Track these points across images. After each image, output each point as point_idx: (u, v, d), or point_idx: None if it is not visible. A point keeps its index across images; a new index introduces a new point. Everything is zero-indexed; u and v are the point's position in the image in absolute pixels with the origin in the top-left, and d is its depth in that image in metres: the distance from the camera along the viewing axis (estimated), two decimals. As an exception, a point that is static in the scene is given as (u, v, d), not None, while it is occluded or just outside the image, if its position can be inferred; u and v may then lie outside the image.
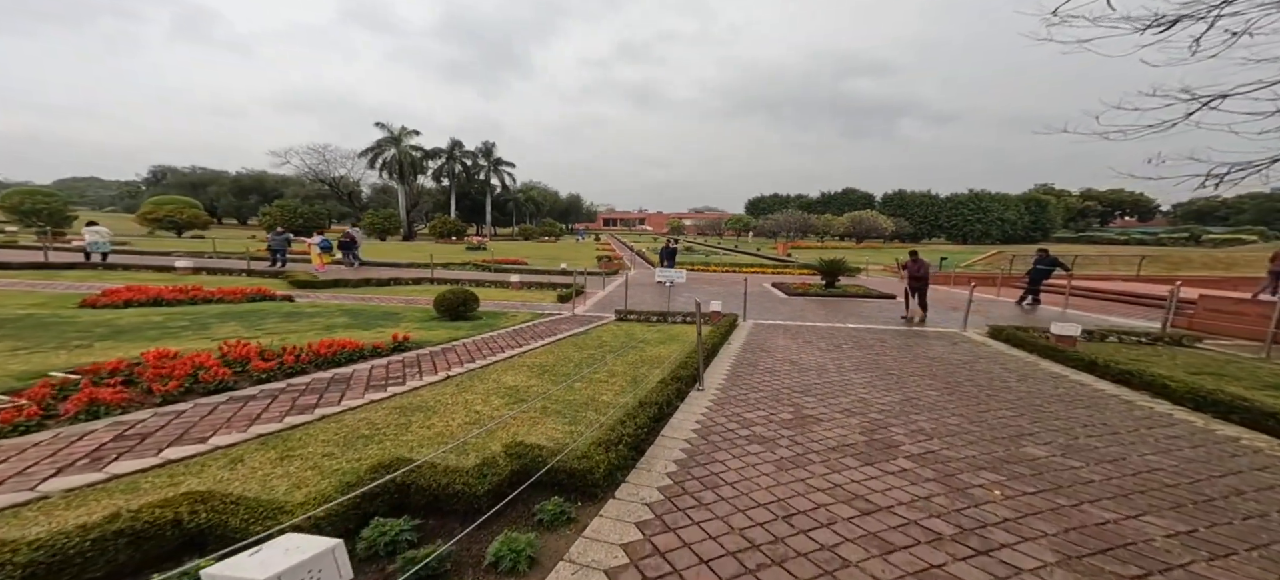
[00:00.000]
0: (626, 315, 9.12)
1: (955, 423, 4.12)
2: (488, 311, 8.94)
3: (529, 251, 31.32)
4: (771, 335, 7.98)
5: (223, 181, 58.50)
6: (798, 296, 13.07)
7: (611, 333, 7.65)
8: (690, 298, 12.30)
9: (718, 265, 22.24)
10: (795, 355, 6.53)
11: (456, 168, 52.57)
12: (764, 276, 19.52)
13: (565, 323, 8.26)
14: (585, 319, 8.85)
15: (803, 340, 7.59)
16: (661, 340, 7.22)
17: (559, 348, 6.43)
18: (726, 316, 8.68)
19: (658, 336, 7.49)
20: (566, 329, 7.70)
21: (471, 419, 3.78)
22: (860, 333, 8.34)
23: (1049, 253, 11.42)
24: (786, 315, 10.23)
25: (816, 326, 8.94)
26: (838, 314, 10.47)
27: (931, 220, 66.43)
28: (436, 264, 14.91)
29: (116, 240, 17.45)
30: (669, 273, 9.02)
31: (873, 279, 18.93)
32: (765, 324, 9.08)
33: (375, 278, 12.44)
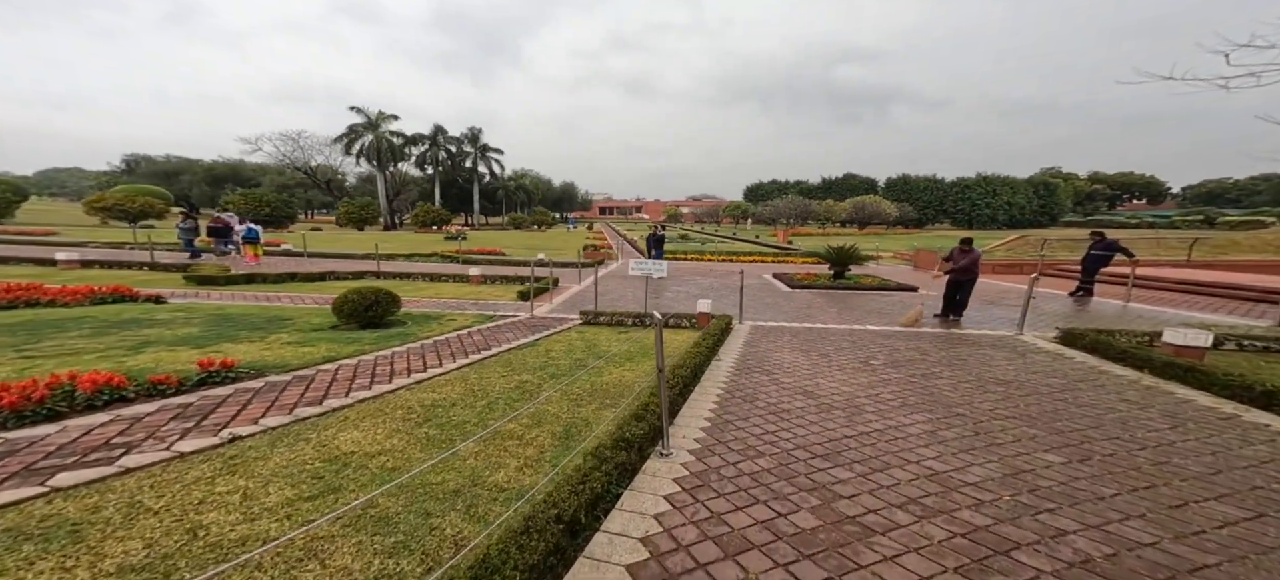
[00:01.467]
0: (595, 317, 7.26)
1: (1134, 533, 2.28)
2: (420, 314, 7.07)
3: (513, 241, 29.34)
4: (775, 345, 6.13)
5: (196, 170, 55.96)
6: (803, 289, 11.22)
7: (566, 344, 5.81)
8: (679, 291, 10.44)
9: (713, 254, 20.34)
10: (810, 379, 4.69)
11: (440, 155, 50.08)
12: (764, 266, 17.65)
13: (512, 329, 6.40)
14: (542, 323, 6.99)
15: (816, 353, 5.74)
16: (630, 355, 5.38)
17: (482, 371, 4.58)
18: (718, 319, 6.84)
19: (627, 349, 5.64)
20: (509, 339, 5.85)
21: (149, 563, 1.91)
22: (890, 339, 6.50)
23: (1106, 236, 9.54)
24: (791, 314, 8.38)
25: (831, 330, 7.10)
26: (854, 312, 8.62)
27: (936, 205, 64.31)
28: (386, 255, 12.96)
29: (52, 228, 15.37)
30: (645, 264, 7.13)
31: (885, 268, 17.04)
32: (766, 327, 7.23)
33: (306, 271, 10.55)
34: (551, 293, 9.78)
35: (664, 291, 10.83)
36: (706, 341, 5.56)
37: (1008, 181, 61.21)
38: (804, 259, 19.41)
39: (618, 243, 30.43)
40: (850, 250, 12.15)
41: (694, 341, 5.56)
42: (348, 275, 10.51)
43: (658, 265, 7.16)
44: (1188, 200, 74.10)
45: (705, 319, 7.01)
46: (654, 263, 7.19)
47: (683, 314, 7.34)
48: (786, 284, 11.92)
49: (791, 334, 6.82)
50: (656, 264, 7.16)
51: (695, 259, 19.75)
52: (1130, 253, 9.14)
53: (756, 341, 6.31)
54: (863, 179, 74.07)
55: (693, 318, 7.15)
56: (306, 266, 12.19)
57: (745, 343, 6.24)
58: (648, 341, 6.14)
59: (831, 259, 12.28)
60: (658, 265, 7.16)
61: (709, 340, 5.65)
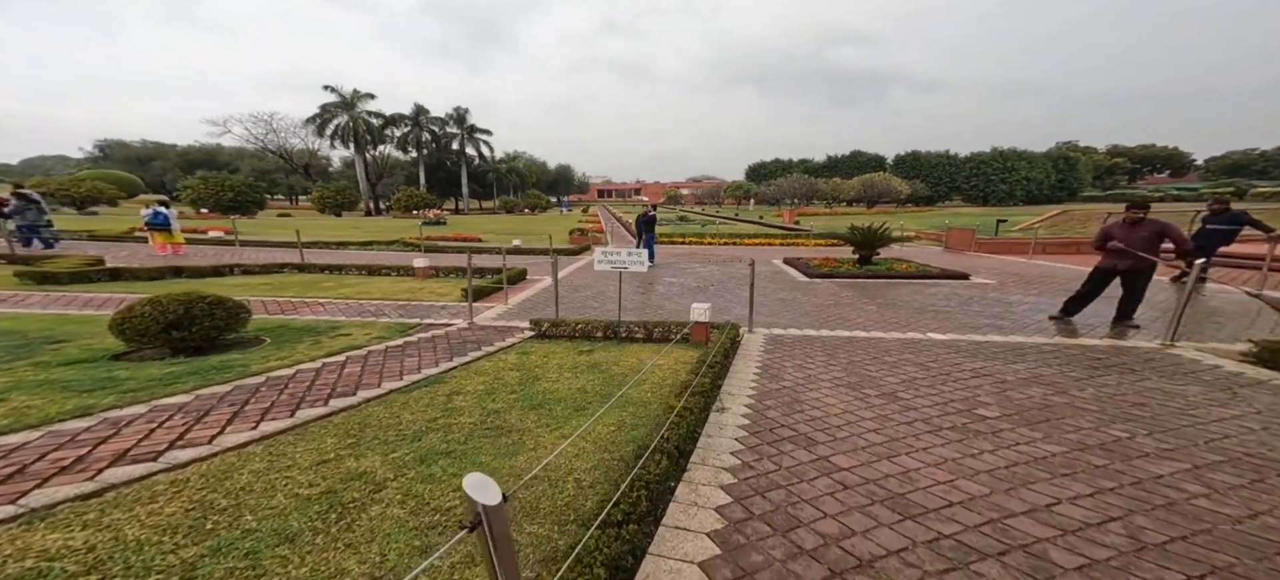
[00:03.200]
0: (552, 328, 5.27)
1: None
2: (302, 326, 5.07)
3: (497, 226, 27.19)
4: (805, 372, 4.16)
5: (169, 155, 53.40)
6: (822, 279, 9.17)
7: (491, 377, 3.84)
8: (672, 285, 8.41)
9: (714, 237, 18.23)
10: (886, 458, 2.75)
11: (424, 136, 47.22)
12: (772, 250, 15.57)
13: (425, 350, 4.43)
14: (476, 337, 5.02)
15: (875, 388, 3.77)
16: (581, 400, 3.44)
17: (301, 444, 2.62)
18: (721, 331, 4.84)
19: (580, 385, 3.70)
20: (411, 367, 3.90)
21: None
22: (982, 358, 4.49)
23: (1230, 207, 7.42)
24: (817, 314, 6.37)
25: (881, 341, 5.10)
26: (899, 310, 6.59)
27: (948, 182, 61.45)
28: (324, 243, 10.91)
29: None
30: (619, 256, 5.08)
31: (913, 249, 14.87)
32: (787, 338, 5.24)
33: (195, 265, 8.44)
34: (511, 289, 7.77)
35: (654, 285, 8.80)
36: (703, 373, 3.57)
37: (1025, 156, 58.18)
38: (817, 241, 17.30)
39: (612, 226, 28.27)
40: (879, 230, 10.03)
41: (684, 375, 3.58)
42: (257, 268, 8.50)
43: (636, 256, 5.11)
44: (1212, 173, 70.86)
45: (702, 331, 5.00)
46: (631, 254, 5.14)
47: (672, 322, 5.34)
48: (802, 272, 9.87)
49: (825, 349, 4.82)
50: (634, 255, 5.10)
51: (694, 243, 17.65)
52: (1266, 227, 7.03)
53: (777, 366, 4.31)
54: (871, 156, 71.08)
55: (685, 327, 5.16)
56: (225, 257, 10.18)
57: (760, 369, 4.25)
58: (616, 369, 4.16)
59: (856, 241, 10.18)
60: (636, 256, 5.11)
61: (706, 372, 3.66)
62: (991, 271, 10.09)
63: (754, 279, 5.60)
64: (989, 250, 13.68)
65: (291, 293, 6.80)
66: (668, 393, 3.57)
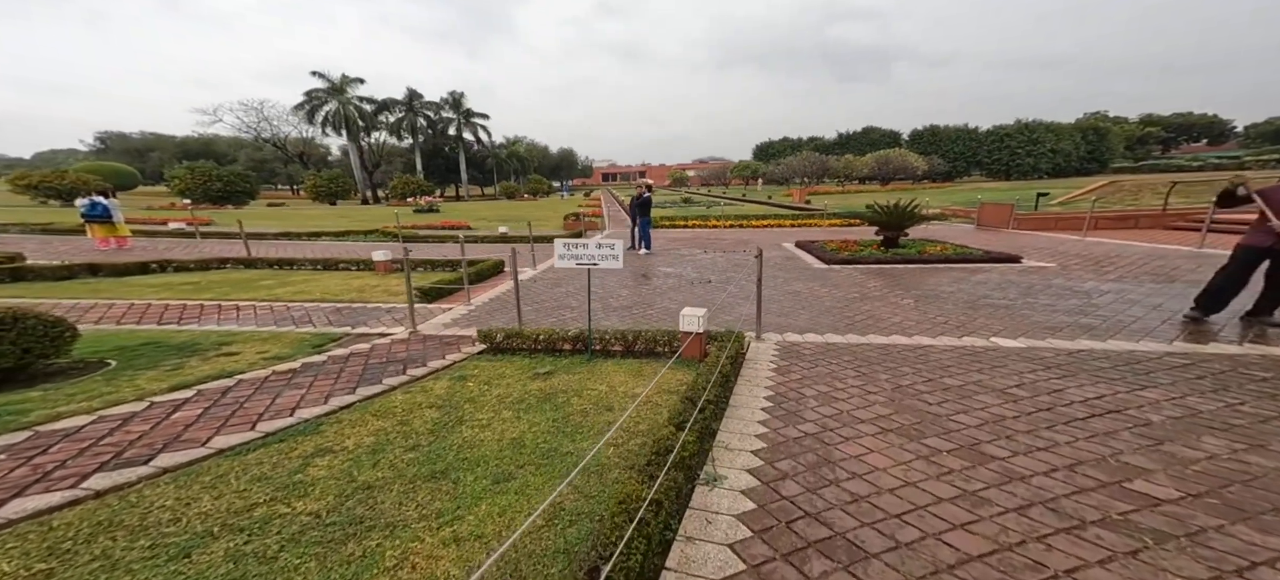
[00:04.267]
0: (511, 338, 4.17)
1: None
2: (186, 342, 4.01)
3: (492, 212, 26.05)
4: (838, 416, 3.02)
5: (167, 146, 52.84)
6: (842, 265, 7.91)
7: (392, 425, 2.77)
8: (669, 276, 7.22)
9: (719, 219, 16.89)
10: None
11: (419, 121, 45.72)
12: (782, 232, 14.23)
13: (337, 375, 3.37)
14: (409, 353, 3.96)
15: (957, 447, 2.60)
16: (513, 461, 2.36)
17: None
18: (720, 343, 3.70)
19: (519, 436, 2.61)
20: (283, 408, 2.83)
21: None
22: (1119, 389, 3.29)
23: None
24: (840, 313, 5.17)
25: (933, 351, 3.92)
26: (950, 307, 5.35)
27: (968, 156, 58.45)
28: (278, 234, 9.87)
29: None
30: (582, 249, 3.88)
31: (942, 228, 13.36)
32: (806, 347, 4.08)
33: (117, 262, 7.29)
34: (479, 286, 6.67)
35: (648, 277, 7.63)
36: (691, 420, 2.42)
37: (1052, 128, 54.82)
38: (832, 221, 15.88)
39: (613, 210, 26.97)
40: (908, 208, 8.66)
41: (665, 418, 2.45)
42: (192, 265, 7.48)
43: (608, 249, 3.91)
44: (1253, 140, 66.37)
45: (696, 345, 3.85)
46: (602, 246, 3.94)
47: (659, 332, 4.19)
48: (818, 257, 8.60)
49: (858, 364, 3.65)
50: (606, 247, 3.90)
51: (697, 226, 16.35)
52: None
53: (795, 394, 3.16)
54: (885, 132, 68.03)
55: (674, 338, 4.02)
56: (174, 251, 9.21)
57: (772, 399, 3.10)
58: (576, 402, 3.06)
59: (880, 221, 8.84)
60: (608, 249, 3.91)
61: (696, 420, 2.52)
62: (1045, 252, 8.71)
63: (761, 270, 4.40)
64: (1030, 227, 12.18)
65: (214, 294, 5.78)
66: (638, 451, 2.45)
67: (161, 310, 4.85)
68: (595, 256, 3.96)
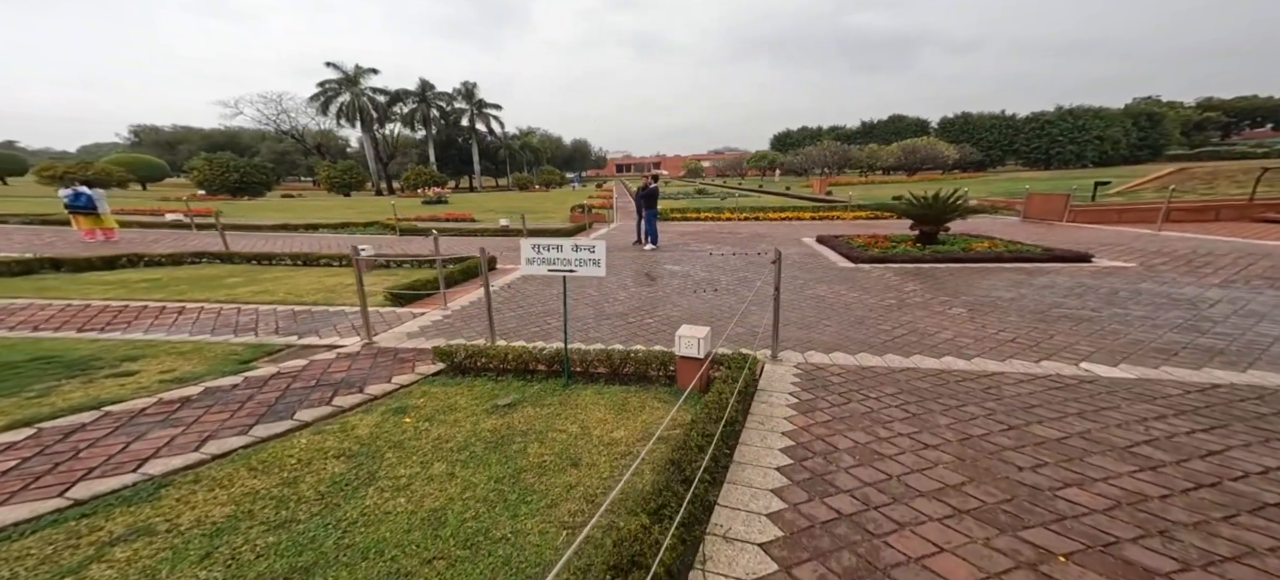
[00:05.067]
0: (474, 357, 3.46)
1: None
2: (73, 359, 3.44)
3: (499, 204, 25.56)
4: (881, 482, 2.21)
5: (194, 139, 54.35)
6: (872, 263, 6.94)
7: (270, 487, 2.09)
8: (674, 276, 6.39)
9: (734, 211, 15.88)
10: None
11: (432, 112, 45.48)
12: (802, 225, 13.17)
13: (213, 407, 2.69)
14: (350, 373, 3.31)
15: (1089, 550, 1.70)
16: (420, 553, 1.52)
17: None
18: (726, 369, 2.88)
19: (441, 507, 1.94)
20: (123, 463, 2.17)
21: None
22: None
23: None
24: (877, 325, 4.28)
25: (1011, 381, 3.03)
26: (1015, 318, 4.39)
27: (1004, 145, 54.98)
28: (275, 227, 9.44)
29: None
30: (555, 253, 3.09)
31: (985, 221, 11.98)
32: (834, 373, 3.27)
33: (79, 256, 6.83)
34: (459, 288, 6.00)
35: (651, 277, 6.83)
36: (683, 505, 1.61)
37: (1099, 114, 50.84)
38: (856, 213, 14.69)
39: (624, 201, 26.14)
40: (951, 199, 7.57)
41: (646, 489, 1.65)
42: (164, 258, 7.03)
43: (587, 253, 3.11)
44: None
45: (693, 372, 3.05)
46: (579, 248, 3.14)
47: (653, 353, 3.41)
48: (843, 254, 7.63)
49: (906, 400, 2.81)
50: (584, 251, 3.11)
51: (710, 218, 15.40)
52: None
53: (823, 448, 2.35)
54: (912, 120, 64.85)
55: (670, 362, 3.23)
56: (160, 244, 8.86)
57: (791, 455, 2.30)
58: (535, 452, 2.33)
59: (916, 214, 7.77)
60: (587, 253, 3.11)
61: (688, 494, 1.71)
62: (1118, 249, 7.52)
63: (779, 277, 3.56)
64: (1088, 219, 10.81)
65: (166, 294, 5.27)
66: (600, 545, 1.69)
67: (92, 314, 4.34)
68: (572, 261, 3.18)
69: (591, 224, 14.25)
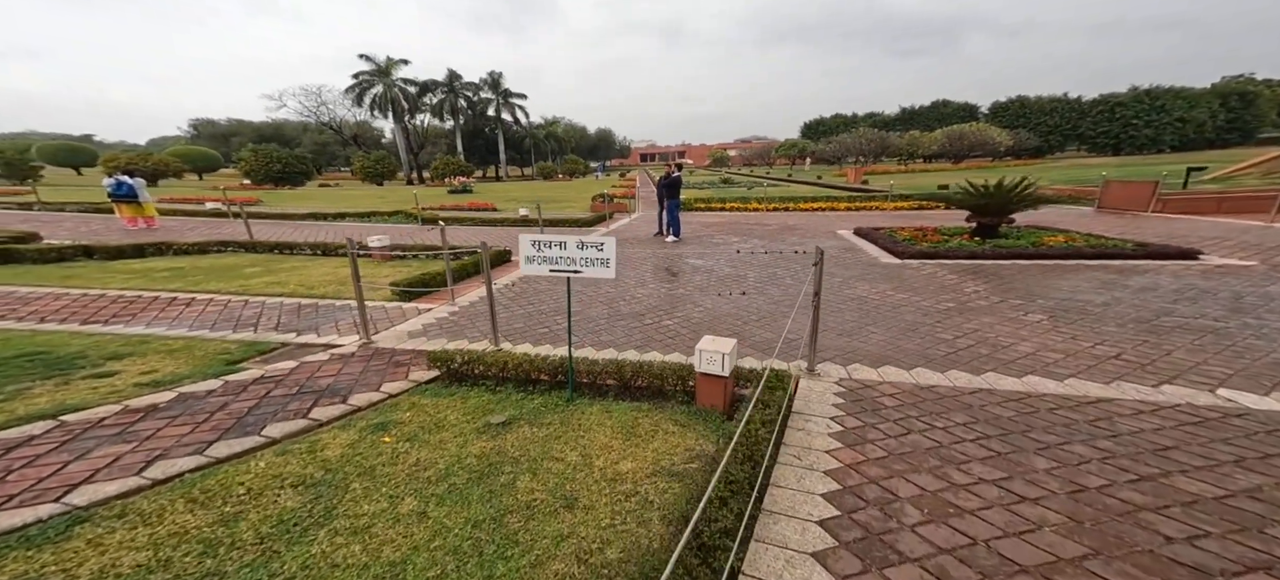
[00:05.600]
0: (470, 364, 3.12)
1: None
2: (65, 355, 3.32)
3: (523, 193, 25.54)
4: (973, 560, 1.55)
5: (246, 131, 57.63)
6: (920, 261, 6.18)
7: (202, 523, 1.75)
8: (698, 271, 5.86)
9: (761, 202, 15.03)
10: None
11: (459, 102, 46.04)
12: (836, 217, 12.25)
13: (175, 418, 2.45)
14: (339, 377, 3.05)
15: None
16: None
17: None
18: (756, 389, 2.36)
19: (403, 559, 1.42)
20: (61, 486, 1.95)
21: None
22: None
23: None
24: (933, 333, 3.68)
25: (1124, 411, 2.42)
26: (1113, 328, 3.67)
27: (1066, 130, 50.16)
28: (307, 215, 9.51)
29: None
30: (557, 251, 2.64)
31: (1054, 213, 10.60)
32: (885, 394, 2.73)
33: (112, 244, 7.02)
34: (469, 283, 5.72)
35: (672, 273, 6.34)
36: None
37: (1181, 94, 45.35)
38: (897, 204, 13.56)
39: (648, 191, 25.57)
40: (1016, 188, 6.62)
41: (651, 538, 1.21)
42: (190, 247, 7.13)
43: (595, 251, 2.66)
44: None
45: (717, 392, 2.58)
46: (585, 246, 2.69)
47: (670, 366, 2.96)
48: (886, 249, 6.86)
49: (984, 435, 2.24)
50: (591, 248, 2.66)
51: (736, 209, 14.65)
52: None
53: (879, 500, 1.85)
54: (958, 105, 60.50)
55: (689, 375, 2.76)
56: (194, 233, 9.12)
57: (837, 507, 1.78)
58: (523, 487, 1.94)
59: (977, 205, 6.87)
60: (595, 251, 2.66)
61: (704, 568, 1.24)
62: (1230, 245, 6.40)
63: (820, 280, 3.00)
64: (1179, 210, 9.39)
65: (181, 284, 5.25)
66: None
67: (103, 306, 4.30)
68: (577, 260, 2.75)
69: (612, 214, 13.81)
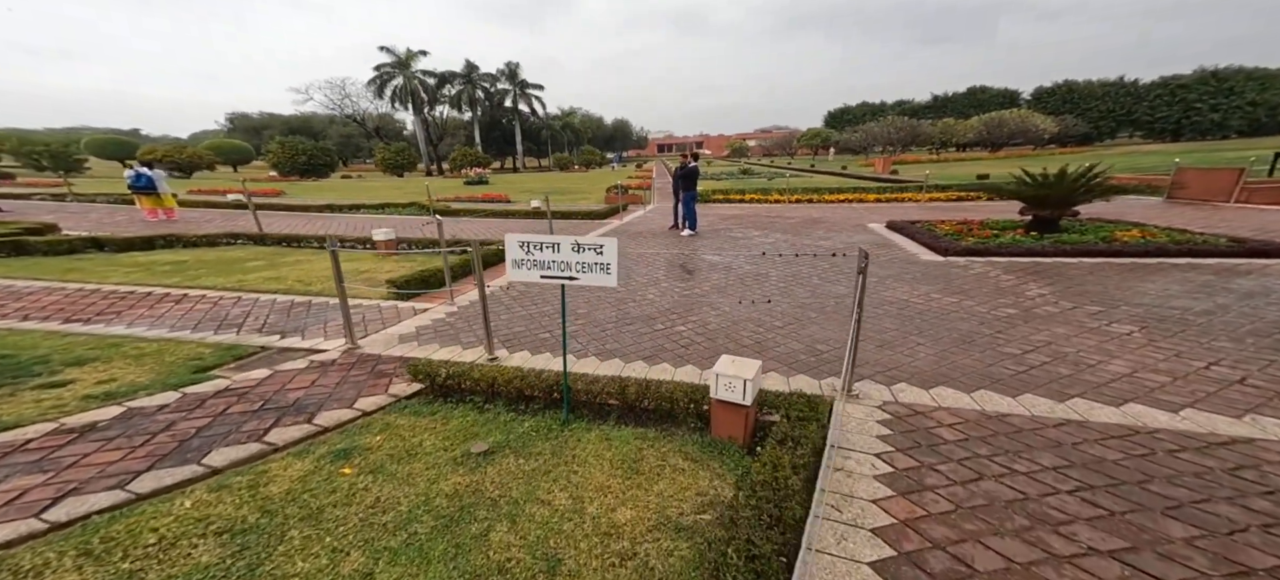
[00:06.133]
0: (455, 380, 2.77)
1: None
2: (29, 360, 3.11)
3: (538, 184, 25.33)
4: None
5: (277, 124, 59.52)
6: (968, 258, 5.51)
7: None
8: (715, 268, 5.37)
9: (783, 193, 14.27)
10: None
11: (477, 93, 46.19)
12: (864, 209, 11.45)
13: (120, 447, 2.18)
14: (305, 395, 2.73)
15: None
16: None
17: None
18: (784, 416, 1.89)
19: None
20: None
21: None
22: None
23: None
24: (995, 343, 3.14)
25: None
26: (1234, 346, 3.06)
27: (1119, 115, 46.44)
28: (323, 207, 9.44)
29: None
30: (550, 253, 2.20)
31: (1115, 205, 9.23)
32: (947, 427, 2.25)
33: (121, 236, 6.87)
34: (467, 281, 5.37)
35: (687, 271, 5.87)
36: None
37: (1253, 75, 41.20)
38: (932, 195, 12.60)
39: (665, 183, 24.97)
40: (1086, 176, 5.82)
41: None
42: (197, 240, 7.07)
43: (593, 253, 2.23)
44: None
45: (734, 421, 2.12)
46: (581, 248, 2.26)
47: (680, 391, 2.52)
48: (927, 245, 6.19)
49: (1086, 487, 1.73)
50: (589, 251, 2.23)
51: (756, 201, 13.95)
52: None
53: (949, 577, 1.31)
54: (997, 91, 57.07)
55: (700, 398, 2.31)
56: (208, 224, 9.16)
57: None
58: (496, 544, 1.55)
59: (1036, 195, 6.10)
60: (593, 253, 2.23)
61: None
62: None
63: (863, 289, 2.50)
64: (1266, 200, 8.26)
65: (180, 278, 5.11)
66: None
67: (90, 302, 4.16)
68: (572, 264, 2.32)
69: (626, 206, 13.35)
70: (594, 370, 3.05)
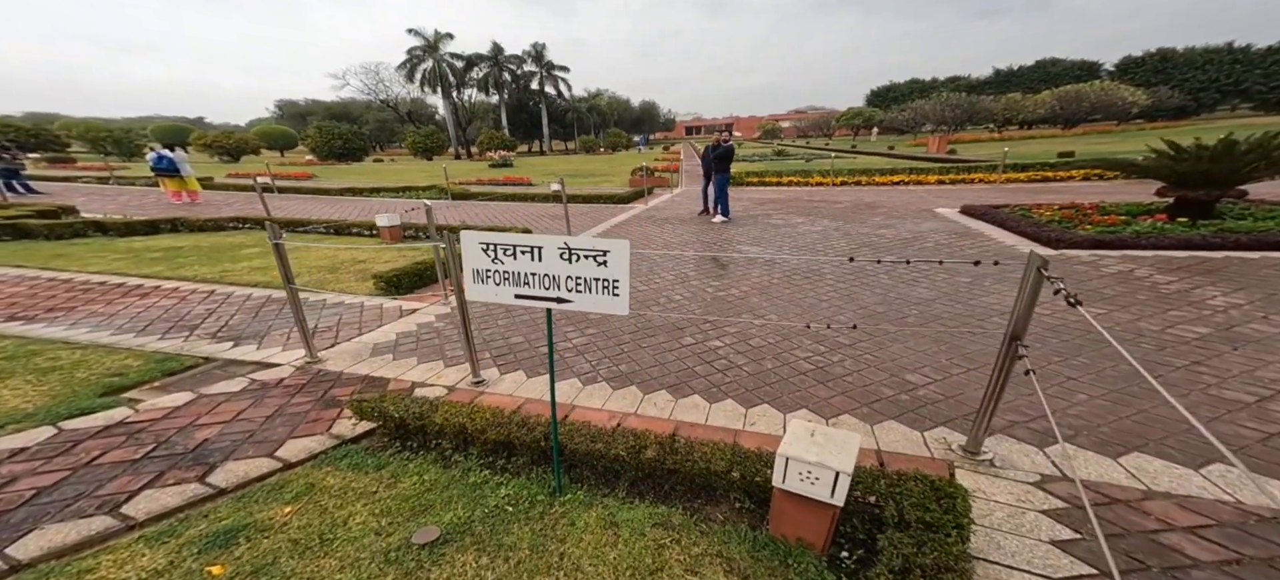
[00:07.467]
0: (416, 421, 2.02)
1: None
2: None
3: (562, 167, 24.69)
4: None
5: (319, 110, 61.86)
6: (1093, 251, 4.29)
7: None
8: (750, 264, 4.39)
9: (825, 175, 12.82)
10: None
11: (504, 76, 45.78)
12: (924, 191, 10.00)
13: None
14: (218, 436, 2.04)
15: None
16: None
17: None
18: (885, 501, 0.99)
19: None
20: None
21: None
22: None
23: None
24: (1202, 380, 2.11)
25: None
26: None
27: (1224, 85, 40.23)
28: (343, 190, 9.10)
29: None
30: (514, 260, 1.35)
31: (1267, 185, 7.62)
32: (1174, 531, 1.12)
33: (122, 220, 6.58)
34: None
35: (723, 263, 4.95)
36: None
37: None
38: (1008, 176, 10.89)
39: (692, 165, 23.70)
40: (1263, 144, 4.38)
41: None
42: (206, 223, 6.78)
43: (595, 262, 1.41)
44: None
45: (811, 521, 1.23)
46: (584, 259, 1.43)
47: (718, 456, 1.65)
48: (1026, 236, 4.98)
49: None
50: (596, 259, 1.41)
51: (795, 184, 12.64)
52: None
53: None
54: (1072, 63, 51.07)
55: (751, 469, 1.44)
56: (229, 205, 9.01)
57: None
58: None
59: (1187, 174, 4.71)
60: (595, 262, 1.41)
61: None
62: None
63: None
64: None
65: (165, 267, 4.73)
66: None
67: (51, 294, 3.77)
68: (560, 278, 1.50)
69: (652, 189, 12.39)
70: (603, 403, 2.26)
